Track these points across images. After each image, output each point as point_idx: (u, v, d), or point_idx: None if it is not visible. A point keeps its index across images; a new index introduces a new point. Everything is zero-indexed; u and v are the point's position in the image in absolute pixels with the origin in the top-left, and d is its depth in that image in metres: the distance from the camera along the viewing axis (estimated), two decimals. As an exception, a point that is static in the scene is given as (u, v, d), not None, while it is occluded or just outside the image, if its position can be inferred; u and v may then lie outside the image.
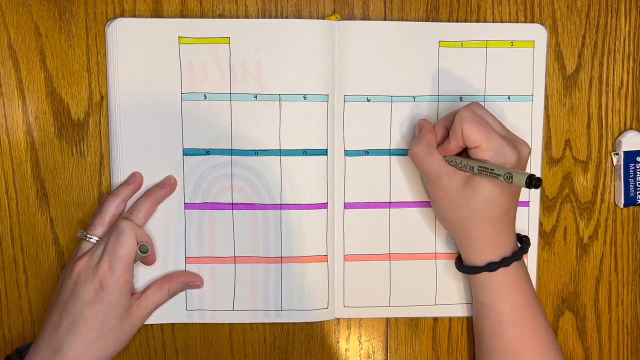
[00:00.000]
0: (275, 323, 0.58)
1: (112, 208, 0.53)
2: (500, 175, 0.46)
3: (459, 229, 0.52)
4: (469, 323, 0.59)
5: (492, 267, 0.51)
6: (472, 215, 0.50)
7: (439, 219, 0.55)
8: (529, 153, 0.51)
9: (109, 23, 0.55)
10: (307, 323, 0.58)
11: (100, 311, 0.49)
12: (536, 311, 0.52)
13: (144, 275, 0.56)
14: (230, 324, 0.58)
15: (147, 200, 0.54)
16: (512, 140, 0.50)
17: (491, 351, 0.53)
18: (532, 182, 0.43)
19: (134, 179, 0.55)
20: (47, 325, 0.50)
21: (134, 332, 0.53)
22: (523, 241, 0.54)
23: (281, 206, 0.56)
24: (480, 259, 0.52)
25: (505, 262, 0.51)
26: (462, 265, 0.54)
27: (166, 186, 0.55)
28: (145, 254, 0.52)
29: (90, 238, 0.52)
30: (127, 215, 0.53)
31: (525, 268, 0.53)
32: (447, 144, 0.51)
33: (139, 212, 0.53)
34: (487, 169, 0.47)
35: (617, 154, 0.58)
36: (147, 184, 0.55)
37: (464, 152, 0.51)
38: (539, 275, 0.59)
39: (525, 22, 0.57)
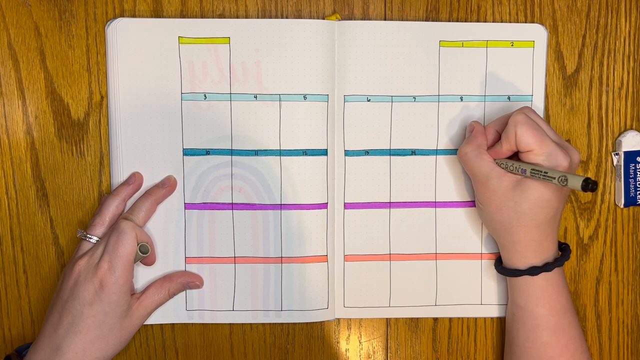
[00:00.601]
0: (275, 323, 0.58)
1: (112, 208, 0.53)
2: (554, 178, 0.45)
3: (504, 232, 0.52)
4: (470, 323, 0.59)
5: (534, 271, 0.51)
6: (518, 219, 0.50)
7: (483, 220, 0.55)
8: (580, 160, 0.52)
9: (109, 23, 0.55)
10: (307, 323, 0.58)
11: (100, 311, 0.49)
12: (572, 319, 0.53)
13: (144, 275, 0.56)
14: (230, 324, 0.58)
15: (147, 201, 0.54)
16: (564, 146, 0.50)
17: (523, 355, 0.53)
18: (589, 185, 0.42)
19: (134, 179, 0.55)
20: (47, 325, 0.50)
21: (134, 332, 0.53)
22: (563, 248, 0.54)
23: (281, 206, 0.56)
24: (522, 263, 0.52)
25: (547, 267, 0.51)
26: (502, 267, 0.54)
27: (166, 186, 0.55)
28: (145, 254, 0.52)
29: (90, 238, 0.52)
30: (128, 215, 0.53)
31: (564, 275, 0.53)
32: (498, 147, 0.51)
33: (139, 212, 0.53)
34: (540, 171, 0.47)
35: (617, 154, 0.58)
36: (147, 184, 0.55)
37: (514, 156, 0.52)
38: (539, 275, 0.59)
39: (526, 22, 0.57)
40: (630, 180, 0.58)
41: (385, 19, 0.57)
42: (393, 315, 0.58)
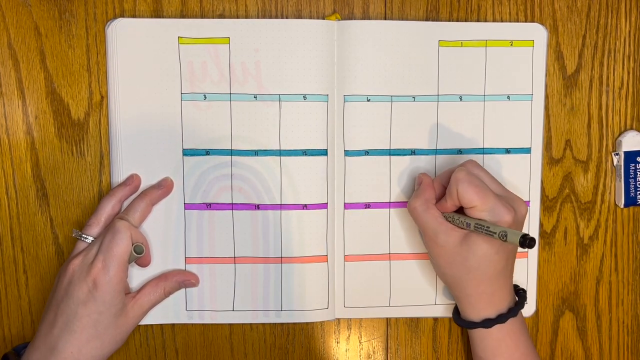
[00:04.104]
0: (275, 323, 0.58)
1: (107, 208, 0.53)
2: (495, 234, 0.46)
3: (455, 285, 0.52)
4: (469, 323, 0.59)
5: (487, 323, 0.51)
6: (468, 273, 0.50)
7: (436, 272, 0.54)
8: (527, 211, 0.52)
9: (109, 23, 0.55)
10: (307, 323, 0.58)
11: (94, 310, 0.49)
12: None
13: (142, 275, 0.56)
14: (230, 324, 0.58)
15: (143, 201, 0.54)
16: (509, 199, 0.50)
17: None
18: (526, 241, 0.44)
19: (131, 181, 0.55)
20: (42, 324, 0.51)
21: (129, 331, 0.53)
22: (520, 295, 0.54)
23: (281, 206, 0.56)
24: (476, 315, 0.52)
25: (500, 318, 0.51)
26: (459, 319, 0.54)
27: (162, 187, 0.55)
28: (140, 254, 0.52)
29: (86, 238, 0.52)
30: (123, 215, 0.53)
31: (522, 321, 0.53)
32: (444, 202, 0.51)
33: (135, 213, 0.53)
34: (483, 226, 0.47)
35: (617, 154, 0.58)
36: (146, 184, 0.55)
37: (462, 208, 0.51)
38: (540, 275, 0.59)
39: (526, 22, 0.57)
40: (631, 180, 0.58)
41: (385, 19, 0.57)
42: (393, 315, 0.58)
